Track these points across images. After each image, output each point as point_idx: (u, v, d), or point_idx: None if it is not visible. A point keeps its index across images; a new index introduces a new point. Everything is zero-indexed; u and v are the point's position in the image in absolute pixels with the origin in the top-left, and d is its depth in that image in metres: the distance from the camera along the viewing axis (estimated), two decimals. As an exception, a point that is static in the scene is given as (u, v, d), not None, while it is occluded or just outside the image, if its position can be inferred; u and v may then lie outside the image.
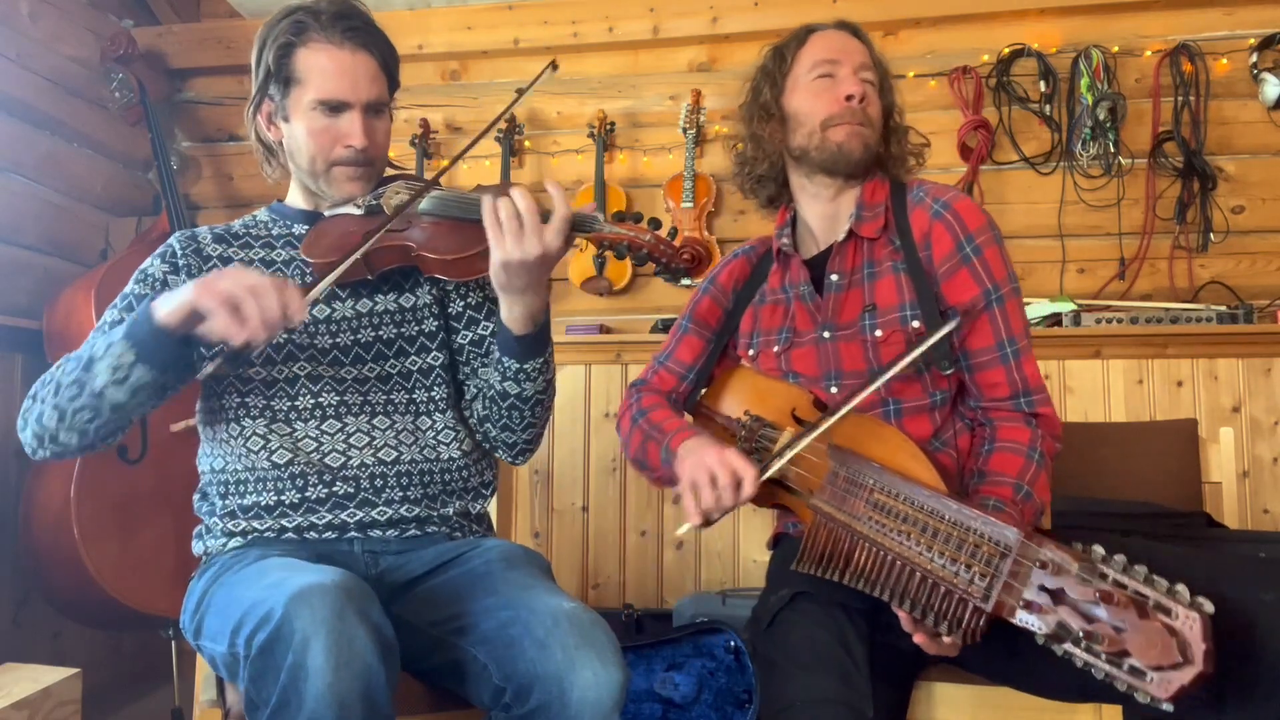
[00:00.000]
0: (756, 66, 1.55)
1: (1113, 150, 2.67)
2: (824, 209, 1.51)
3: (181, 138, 3.21)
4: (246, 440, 1.35)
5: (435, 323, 1.44)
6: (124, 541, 2.32)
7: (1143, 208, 2.68)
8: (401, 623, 1.22)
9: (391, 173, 1.51)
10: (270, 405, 1.36)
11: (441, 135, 3.06)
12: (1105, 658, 0.97)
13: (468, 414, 1.47)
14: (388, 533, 1.36)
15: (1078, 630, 0.99)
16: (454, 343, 1.46)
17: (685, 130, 2.84)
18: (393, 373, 1.40)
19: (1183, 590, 0.95)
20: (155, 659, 2.66)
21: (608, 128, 2.91)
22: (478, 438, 1.47)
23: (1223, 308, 2.48)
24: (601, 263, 2.77)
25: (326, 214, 1.43)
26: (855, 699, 1.18)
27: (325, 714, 0.99)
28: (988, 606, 1.07)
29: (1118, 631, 0.96)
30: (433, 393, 1.42)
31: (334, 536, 1.34)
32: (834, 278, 1.46)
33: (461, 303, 1.47)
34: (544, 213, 1.25)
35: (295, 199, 1.48)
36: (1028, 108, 2.75)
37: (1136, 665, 0.95)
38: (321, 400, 1.36)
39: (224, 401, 1.37)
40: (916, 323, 1.38)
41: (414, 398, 1.41)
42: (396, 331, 1.42)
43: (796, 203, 1.55)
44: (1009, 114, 2.76)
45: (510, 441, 1.44)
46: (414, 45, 2.97)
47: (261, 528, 1.34)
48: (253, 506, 1.34)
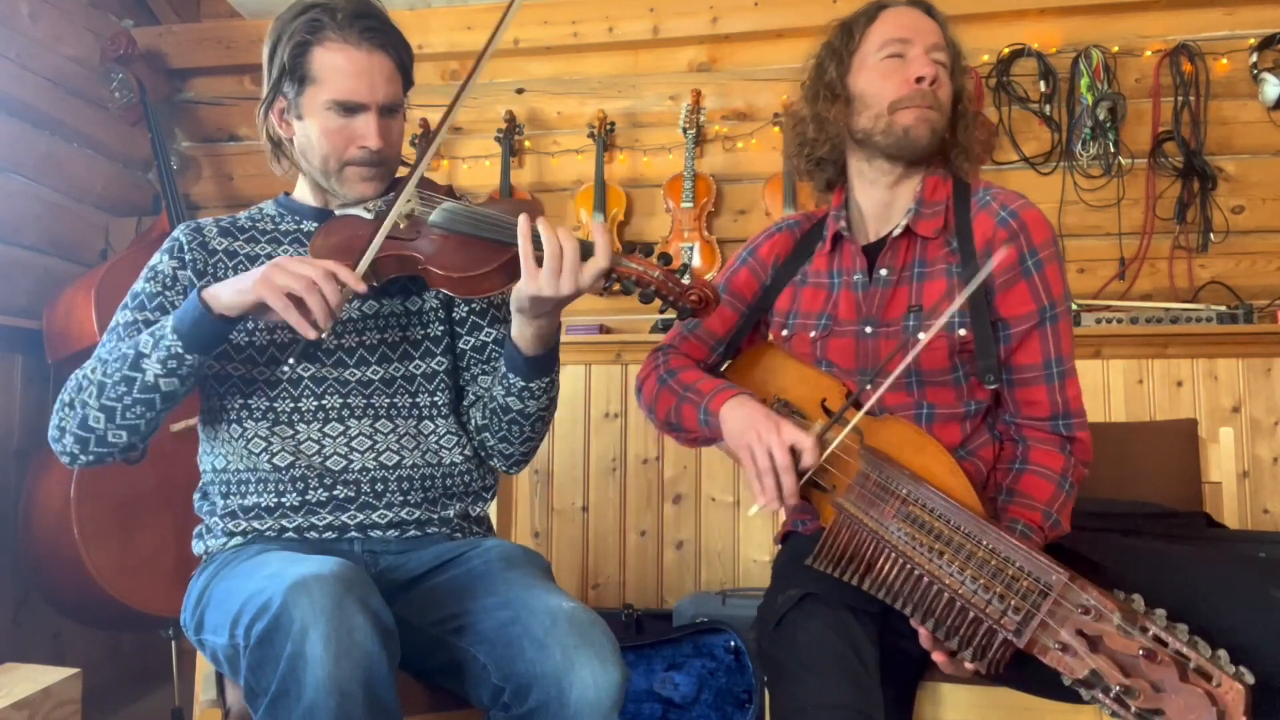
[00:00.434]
0: (822, 43, 1.47)
1: (1113, 150, 2.67)
2: (880, 196, 1.44)
3: (181, 138, 3.21)
4: (248, 442, 1.35)
5: (441, 327, 1.44)
6: (124, 541, 2.32)
7: (1143, 208, 2.68)
8: (401, 622, 1.22)
9: (404, 172, 1.49)
10: (273, 407, 1.35)
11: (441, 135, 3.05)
12: (1135, 711, 0.95)
13: (465, 419, 1.46)
14: (388, 533, 1.36)
15: (1112, 682, 0.97)
16: (456, 347, 1.46)
17: (685, 130, 2.83)
18: (396, 376, 1.40)
19: (1225, 657, 0.94)
20: (155, 659, 2.66)
21: (608, 128, 2.91)
22: (474, 444, 1.46)
23: (1223, 308, 2.48)
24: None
25: (337, 213, 1.42)
26: (866, 705, 1.16)
27: (325, 702, 0.99)
28: (1020, 642, 1.06)
29: (1156, 690, 0.95)
30: (435, 398, 1.42)
31: (334, 537, 1.34)
32: (883, 272, 1.40)
33: (466, 308, 1.46)
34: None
35: (304, 194, 1.46)
36: (1028, 108, 2.75)
37: None
38: (325, 403, 1.36)
39: (226, 403, 1.36)
40: (964, 330, 1.33)
41: (417, 402, 1.41)
42: (402, 335, 1.41)
43: (851, 186, 1.48)
44: (1009, 114, 2.76)
45: (507, 453, 1.44)
46: (414, 45, 2.90)
47: (262, 528, 1.34)
48: (253, 507, 1.34)
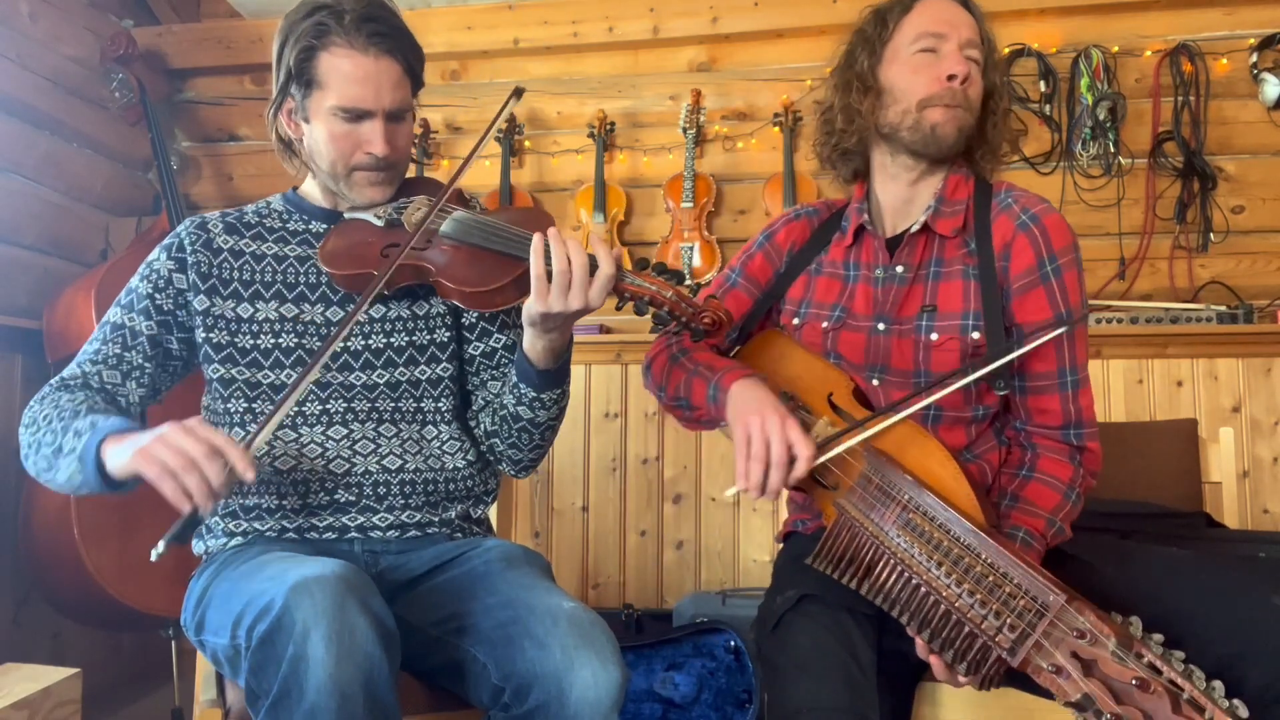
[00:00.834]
0: (854, 29, 1.44)
1: (1113, 150, 2.67)
2: (901, 191, 1.42)
3: (181, 138, 3.21)
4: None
5: (448, 333, 1.43)
6: (124, 541, 2.32)
7: (1143, 208, 2.68)
8: (401, 622, 1.22)
9: (413, 173, 1.49)
10: None
11: (442, 135, 3.06)
12: None
13: (474, 424, 1.46)
14: (388, 534, 1.36)
15: (1104, 708, 0.97)
16: (465, 353, 1.45)
17: (685, 130, 2.83)
18: (402, 380, 1.39)
19: (1220, 690, 0.94)
20: (155, 659, 2.66)
21: (608, 128, 2.91)
22: (482, 449, 1.46)
23: (1223, 308, 2.48)
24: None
25: (346, 215, 1.41)
26: (861, 706, 1.16)
27: (327, 704, 0.99)
28: (1014, 661, 1.05)
29: (1147, 718, 0.95)
30: (440, 403, 1.41)
31: (334, 537, 1.34)
32: (899, 269, 1.39)
33: (474, 314, 1.45)
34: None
35: (314, 194, 1.45)
36: (1028, 108, 2.75)
37: None
38: (329, 407, 1.36)
39: (230, 405, 1.36)
40: (977, 334, 1.32)
41: (421, 406, 1.40)
42: (408, 339, 1.40)
43: (873, 179, 1.46)
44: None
45: (515, 458, 1.44)
46: (414, 45, 2.97)
47: (263, 528, 1.34)
48: (254, 508, 1.34)
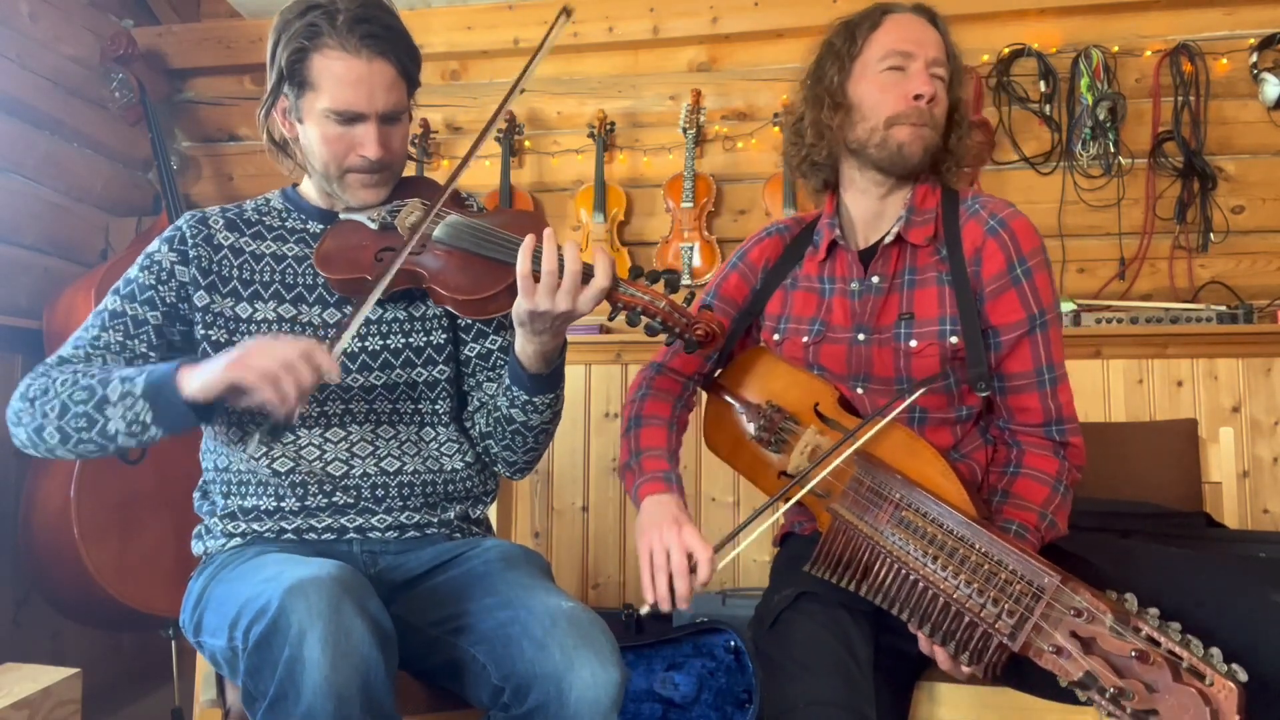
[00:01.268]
0: (823, 41, 1.46)
1: (1113, 150, 2.67)
2: (871, 205, 1.45)
3: (181, 138, 3.21)
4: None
5: (444, 335, 1.42)
6: (124, 541, 2.32)
7: (1143, 208, 2.68)
8: (400, 622, 1.22)
9: (410, 173, 1.47)
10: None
11: (441, 135, 3.06)
12: (1131, 713, 0.96)
13: (469, 425, 1.46)
14: (387, 534, 1.36)
15: (1106, 683, 0.98)
16: (461, 354, 1.45)
17: (685, 130, 2.83)
18: (399, 382, 1.39)
19: (1218, 656, 0.95)
20: (155, 659, 2.66)
21: (608, 128, 2.91)
22: (478, 450, 1.46)
23: (1223, 308, 2.48)
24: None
25: (341, 215, 1.41)
26: (858, 702, 1.17)
27: (323, 706, 0.98)
28: (1014, 645, 1.06)
29: (1149, 690, 0.96)
30: (437, 405, 1.41)
31: (333, 538, 1.34)
32: (875, 279, 1.41)
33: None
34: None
35: (310, 192, 1.45)
36: (1028, 108, 2.75)
37: None
38: (326, 409, 1.35)
39: (228, 404, 1.36)
40: (955, 338, 1.34)
41: (419, 408, 1.40)
42: (404, 341, 1.40)
43: (843, 193, 1.48)
44: (1009, 114, 2.76)
45: (510, 460, 1.43)
46: (414, 45, 2.97)
47: (261, 529, 1.33)
48: (253, 509, 1.34)
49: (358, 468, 1.35)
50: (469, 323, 1.44)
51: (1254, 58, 2.62)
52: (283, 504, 1.33)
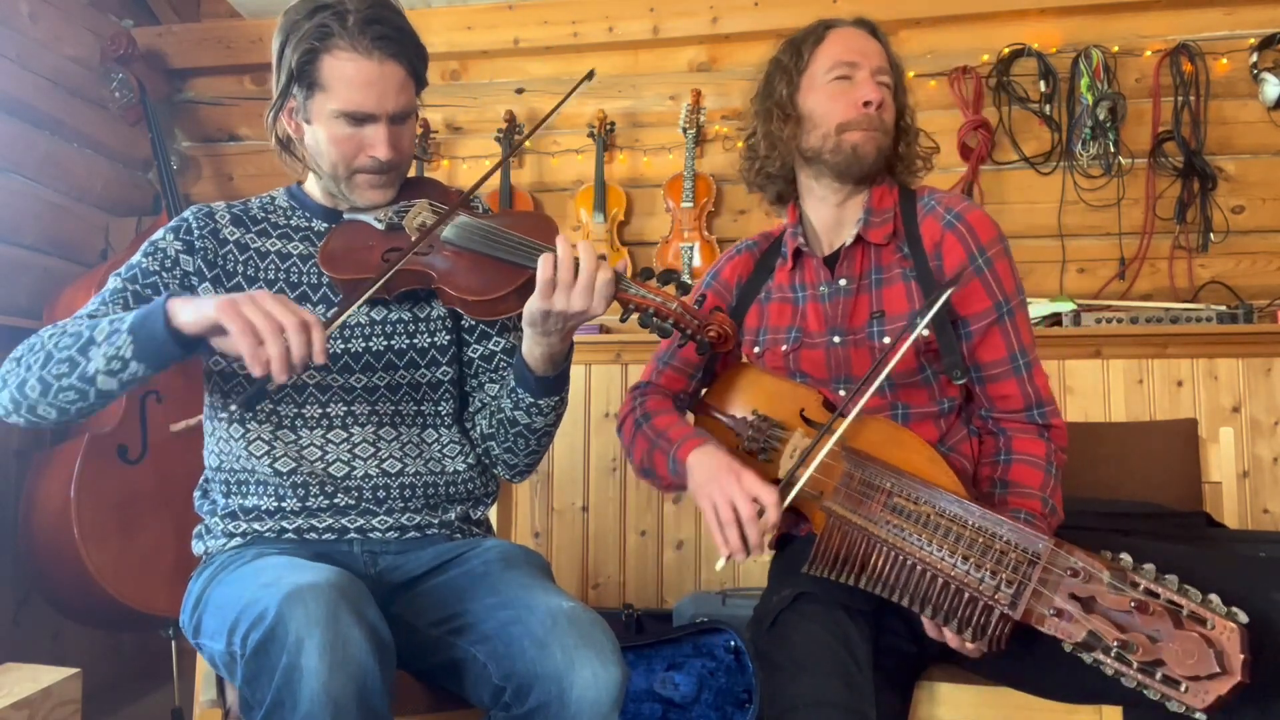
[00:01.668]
0: (771, 59, 1.51)
1: (1113, 150, 2.67)
2: (831, 212, 1.49)
3: (181, 138, 3.21)
4: (250, 444, 1.35)
5: (448, 336, 1.42)
6: (124, 541, 2.32)
7: (1143, 208, 2.68)
8: (400, 622, 1.22)
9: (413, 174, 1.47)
10: (277, 410, 1.35)
11: (441, 135, 3.06)
12: (1137, 667, 0.97)
13: (469, 426, 1.45)
14: (387, 535, 1.36)
15: (1110, 640, 0.98)
16: (464, 356, 1.45)
17: (685, 130, 2.83)
18: (402, 383, 1.39)
19: (1217, 600, 0.96)
20: (155, 659, 2.66)
21: (608, 128, 2.91)
22: (479, 451, 1.46)
23: (1223, 308, 2.48)
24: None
25: (346, 216, 1.41)
26: (857, 702, 1.17)
27: (320, 714, 0.98)
28: (1015, 614, 1.07)
29: (1152, 641, 0.96)
30: (440, 407, 1.41)
31: (333, 538, 1.34)
32: (842, 282, 1.45)
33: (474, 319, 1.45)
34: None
35: (315, 192, 1.44)
36: (1028, 108, 2.75)
37: (1170, 675, 0.95)
38: (329, 410, 1.35)
39: (230, 401, 1.36)
40: (926, 331, 1.36)
41: (422, 410, 1.40)
42: (409, 342, 1.40)
43: (802, 202, 1.53)
44: (1009, 114, 2.76)
45: (511, 463, 1.43)
46: (414, 45, 2.97)
47: (262, 529, 1.33)
48: (254, 509, 1.34)
49: (359, 469, 1.35)
50: (473, 324, 1.44)
51: (1254, 58, 2.62)
52: (284, 504, 1.33)
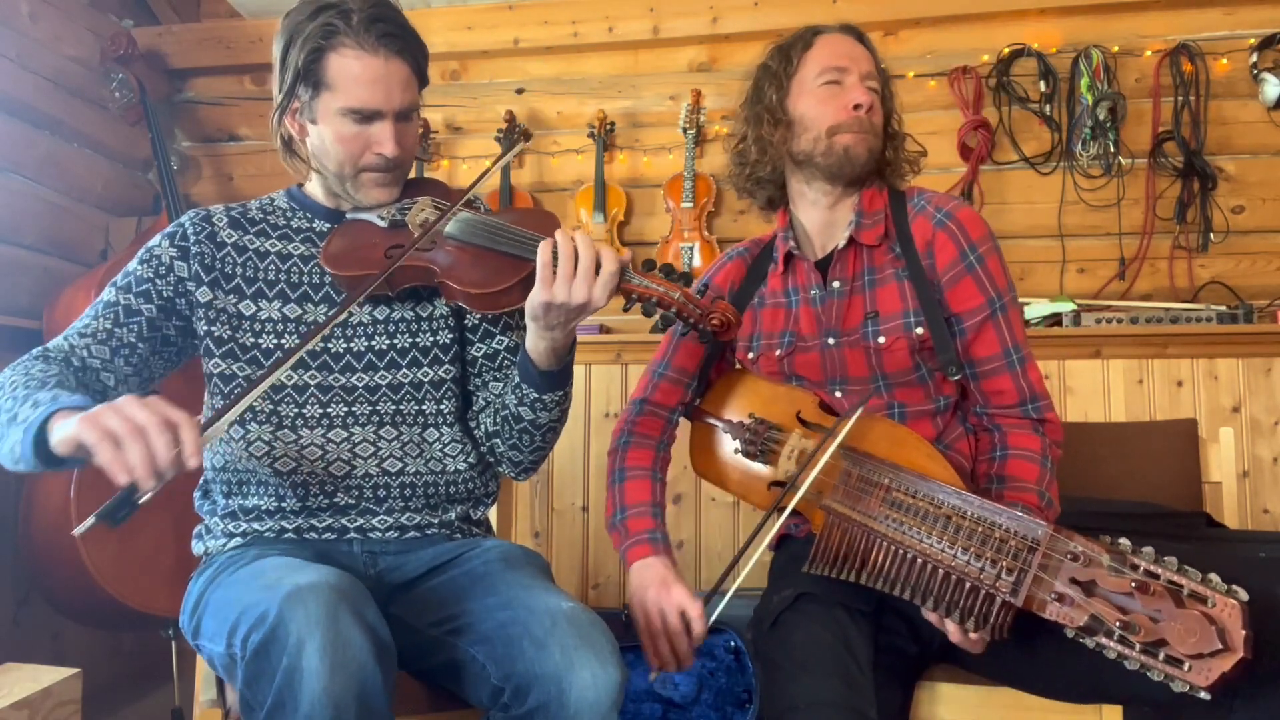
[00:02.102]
0: (759, 65, 1.53)
1: (1113, 150, 2.67)
2: (822, 216, 1.50)
3: (181, 138, 3.21)
4: (250, 444, 1.34)
5: (450, 334, 1.42)
6: (124, 541, 2.32)
7: (1143, 208, 2.68)
8: (400, 623, 1.22)
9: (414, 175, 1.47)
10: (277, 410, 1.35)
11: (441, 135, 3.06)
12: (1140, 648, 0.97)
13: (474, 425, 1.45)
14: (387, 535, 1.36)
15: (1112, 622, 0.99)
16: (467, 355, 1.45)
17: (685, 130, 2.83)
18: (404, 382, 1.39)
19: (1216, 579, 0.96)
20: (155, 659, 2.66)
21: (608, 128, 2.91)
22: (483, 450, 1.45)
23: (1223, 308, 2.48)
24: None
25: (349, 215, 1.41)
26: (858, 701, 1.17)
27: (321, 716, 0.98)
28: (1017, 600, 1.08)
29: (1154, 621, 0.97)
30: (442, 405, 1.41)
31: (333, 538, 1.34)
32: (836, 284, 1.46)
33: (477, 315, 1.45)
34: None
35: (316, 193, 1.44)
36: (1028, 108, 2.75)
37: (1173, 655, 0.96)
38: (330, 410, 1.35)
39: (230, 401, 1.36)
40: (920, 329, 1.38)
41: (423, 409, 1.40)
42: (411, 341, 1.40)
43: (794, 207, 1.54)
44: (1009, 114, 2.76)
45: (516, 460, 1.43)
46: (414, 45, 2.97)
47: (262, 529, 1.33)
48: (254, 509, 1.34)
49: (359, 468, 1.35)
50: (476, 322, 1.44)
51: (1254, 58, 2.62)
52: (284, 503, 1.33)
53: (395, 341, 1.39)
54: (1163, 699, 1.03)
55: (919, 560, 1.16)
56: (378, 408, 1.37)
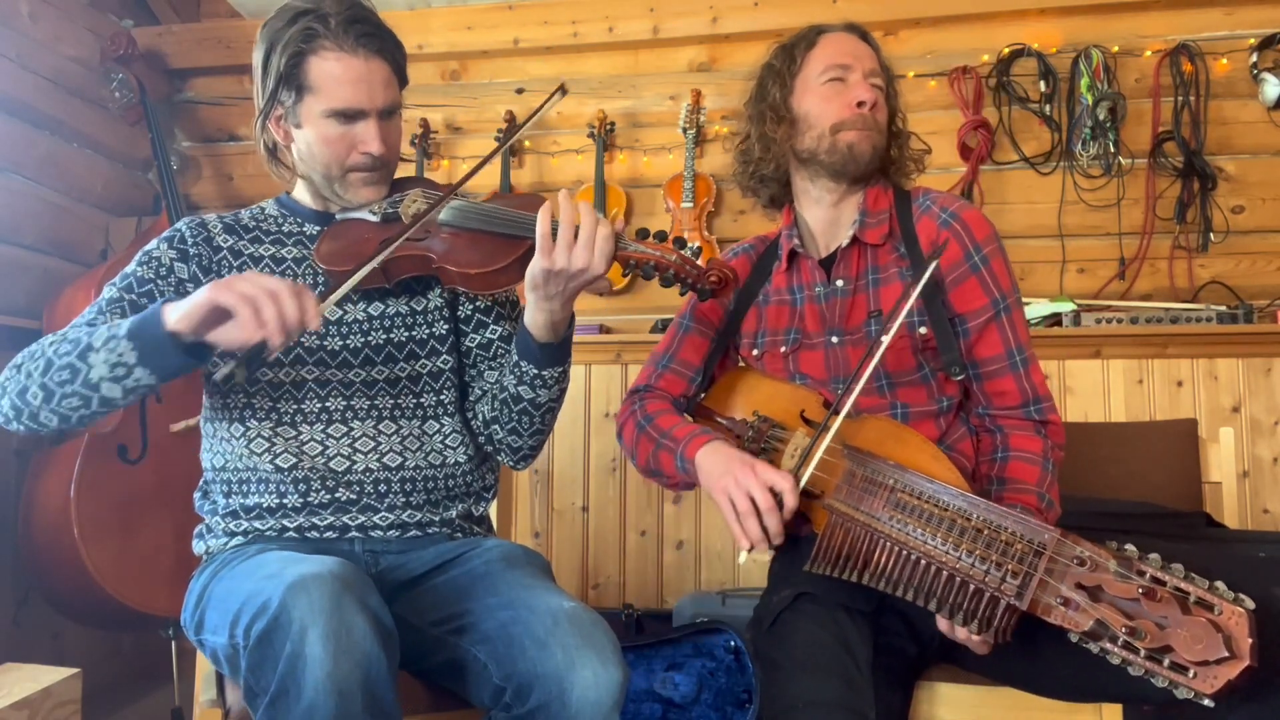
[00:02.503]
0: (763, 64, 1.53)
1: (1113, 150, 2.67)
2: (826, 214, 1.50)
3: (181, 138, 3.21)
4: (250, 442, 1.35)
5: (445, 326, 1.43)
6: (124, 541, 2.32)
7: (1143, 208, 2.68)
8: (401, 622, 1.22)
9: (401, 174, 1.49)
10: (276, 408, 1.35)
11: (441, 135, 3.06)
12: (1145, 654, 0.97)
13: (471, 415, 1.46)
14: (389, 533, 1.36)
15: (1117, 628, 0.99)
16: (462, 345, 1.46)
17: (685, 130, 2.83)
18: (402, 376, 1.40)
19: (1223, 587, 0.96)
20: (155, 659, 2.66)
21: (608, 128, 2.91)
22: (480, 440, 1.46)
23: (1223, 308, 2.48)
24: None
25: (338, 216, 1.42)
26: (857, 702, 1.17)
27: (325, 702, 0.99)
28: (1022, 604, 1.08)
29: (1160, 627, 0.97)
30: (441, 396, 1.42)
31: (334, 536, 1.34)
32: (839, 283, 1.46)
33: (470, 306, 1.46)
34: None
35: (304, 197, 1.46)
36: (1028, 108, 2.75)
37: (1179, 661, 0.95)
38: (329, 405, 1.36)
39: (229, 400, 1.36)
40: (924, 328, 1.38)
41: (422, 402, 1.40)
42: (407, 335, 1.41)
43: (798, 205, 1.54)
44: (1009, 114, 2.76)
45: (515, 445, 1.43)
46: (414, 45, 2.97)
47: (263, 527, 1.34)
48: (255, 507, 1.34)
49: (360, 463, 1.35)
50: (469, 314, 1.45)
51: (1254, 58, 2.62)
52: (285, 501, 1.34)
53: (392, 336, 1.40)
54: (1163, 699, 1.03)
55: (922, 562, 1.16)
56: (376, 402, 1.38)
